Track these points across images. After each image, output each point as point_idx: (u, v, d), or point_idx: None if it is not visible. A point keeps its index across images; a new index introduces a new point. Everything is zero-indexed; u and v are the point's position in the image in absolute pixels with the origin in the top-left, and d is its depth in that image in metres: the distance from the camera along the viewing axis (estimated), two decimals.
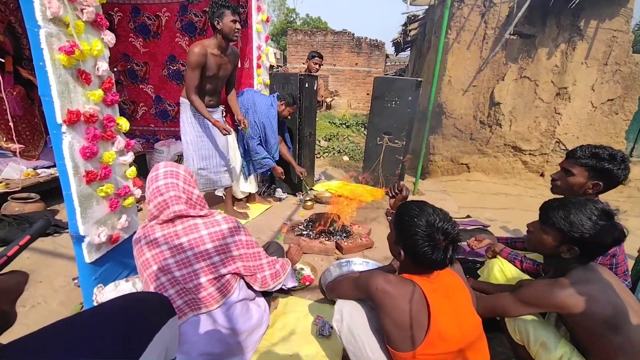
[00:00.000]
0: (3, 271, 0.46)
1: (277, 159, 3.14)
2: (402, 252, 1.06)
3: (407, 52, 10.45)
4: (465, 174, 5.14)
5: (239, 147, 3.01)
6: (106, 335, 0.47)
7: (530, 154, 4.98)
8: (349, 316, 1.17)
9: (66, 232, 2.42)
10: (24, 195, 2.69)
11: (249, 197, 3.31)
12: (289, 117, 3.11)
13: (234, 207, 3.02)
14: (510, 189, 4.72)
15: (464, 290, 1.10)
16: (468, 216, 3.24)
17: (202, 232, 1.33)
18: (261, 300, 1.52)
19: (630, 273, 1.77)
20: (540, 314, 1.24)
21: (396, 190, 1.53)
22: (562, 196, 1.38)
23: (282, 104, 2.97)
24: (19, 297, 0.40)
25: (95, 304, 1.52)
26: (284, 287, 1.58)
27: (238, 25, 2.28)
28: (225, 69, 2.49)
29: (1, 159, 3.08)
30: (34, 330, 0.44)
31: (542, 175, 5.04)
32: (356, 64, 13.37)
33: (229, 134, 2.52)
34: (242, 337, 1.35)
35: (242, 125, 2.60)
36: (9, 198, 2.59)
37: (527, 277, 1.46)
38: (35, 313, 1.66)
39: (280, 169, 3.11)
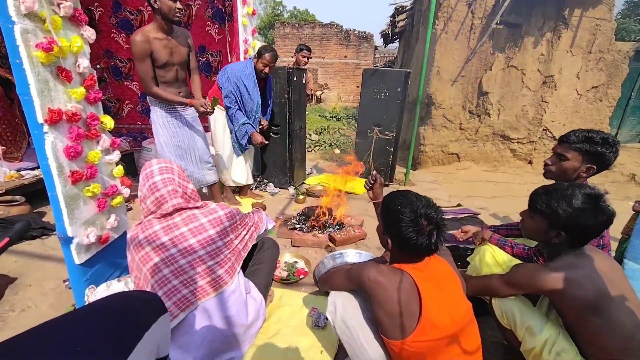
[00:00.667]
0: None
1: (261, 126, 3.01)
2: (389, 241, 1.10)
3: (396, 44, 10.42)
4: (456, 163, 5.20)
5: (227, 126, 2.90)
6: (96, 334, 0.46)
7: (518, 142, 5.05)
8: (342, 307, 1.18)
9: (54, 234, 2.37)
10: (8, 198, 2.62)
11: (241, 191, 3.28)
12: (266, 72, 2.75)
13: (224, 201, 2.99)
14: (500, 176, 4.80)
15: (454, 278, 1.12)
16: (459, 205, 3.29)
17: (202, 219, 1.34)
18: (257, 294, 1.53)
19: (614, 255, 1.82)
20: (532, 298, 1.27)
21: (371, 182, 1.57)
22: (553, 182, 1.41)
23: (255, 59, 2.76)
24: None
25: None
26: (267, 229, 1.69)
27: (179, 4, 2.12)
28: (178, 53, 2.32)
29: None
30: (23, 331, 0.43)
31: (530, 162, 5.13)
32: (345, 56, 13.31)
33: (211, 113, 2.40)
34: (239, 331, 1.36)
35: (207, 106, 2.36)
36: None
37: (518, 262, 1.49)
38: (25, 317, 1.63)
39: (259, 137, 2.90)
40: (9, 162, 3.08)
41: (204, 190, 3.06)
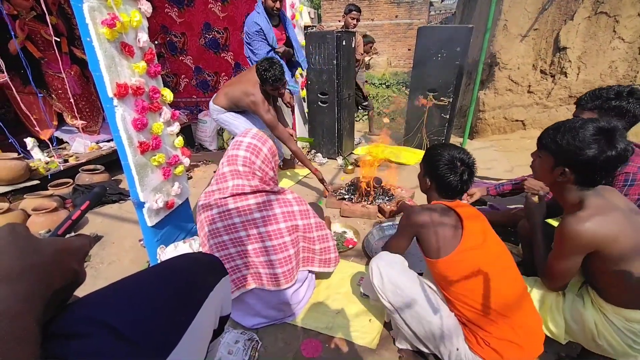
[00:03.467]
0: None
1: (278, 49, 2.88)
2: (428, 181, 1.28)
3: None
4: (520, 131, 4.67)
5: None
6: (168, 291, 0.50)
7: None
8: (387, 271, 1.19)
9: (129, 199, 2.67)
10: (91, 167, 2.98)
11: (286, 163, 3.33)
12: (277, 7, 2.68)
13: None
14: None
15: (483, 217, 1.22)
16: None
17: (276, 210, 1.37)
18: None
19: None
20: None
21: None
22: None
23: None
24: (85, 257, 0.43)
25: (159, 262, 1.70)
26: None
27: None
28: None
29: (69, 135, 3.42)
30: (113, 282, 0.48)
31: None
32: (396, 16, 12.33)
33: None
34: (292, 306, 1.44)
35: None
36: (79, 170, 2.90)
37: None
38: (112, 269, 1.90)
39: (288, 95, 2.93)
40: (89, 135, 3.48)
41: None
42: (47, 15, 1.77)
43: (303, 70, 3.17)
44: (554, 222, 1.45)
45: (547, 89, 4.44)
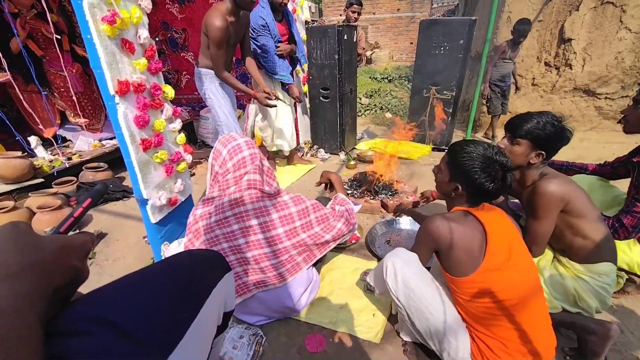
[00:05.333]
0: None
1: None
2: (459, 187, 1.12)
3: None
4: None
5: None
6: (171, 288, 0.50)
7: (606, 97, 4.29)
8: (402, 272, 1.15)
9: (132, 196, 2.68)
10: (95, 165, 3.00)
11: (290, 158, 3.32)
12: (285, 2, 2.63)
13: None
14: (578, 138, 4.17)
15: (508, 219, 1.16)
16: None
17: (273, 215, 1.35)
18: (314, 272, 1.58)
19: None
20: None
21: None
22: (632, 133, 1.52)
23: None
24: (88, 254, 0.43)
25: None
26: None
27: None
28: (239, 34, 2.31)
29: (72, 133, 3.43)
30: (116, 278, 0.48)
31: (619, 122, 4.35)
32: (398, 9, 12.20)
33: (274, 105, 2.43)
34: (295, 307, 1.44)
35: (272, 96, 2.37)
36: (83, 168, 2.92)
37: None
38: (117, 266, 1.91)
39: (297, 90, 2.87)
40: (92, 133, 3.49)
41: None
42: (47, 13, 1.76)
43: (301, 65, 3.14)
44: None
45: (552, 81, 4.39)
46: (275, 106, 2.46)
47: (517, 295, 1.00)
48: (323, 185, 1.88)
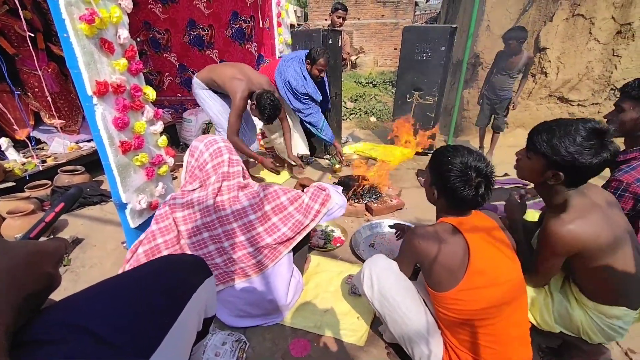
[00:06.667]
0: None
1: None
2: (435, 192, 1.08)
3: None
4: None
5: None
6: (150, 292, 0.49)
7: (579, 104, 4.50)
8: (378, 281, 1.16)
9: (111, 200, 2.59)
10: (71, 168, 2.88)
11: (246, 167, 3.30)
12: (322, 76, 2.79)
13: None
14: None
15: (500, 233, 1.07)
16: (506, 174, 3.07)
17: (244, 203, 1.39)
18: (296, 272, 1.58)
19: None
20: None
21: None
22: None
23: (308, 66, 2.72)
24: (60, 260, 0.41)
25: None
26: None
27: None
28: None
29: (47, 134, 3.29)
30: (92, 284, 0.46)
31: None
32: (382, 15, 12.42)
33: (278, 173, 2.59)
34: (280, 306, 1.43)
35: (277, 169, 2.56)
36: (59, 171, 2.80)
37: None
38: (93, 273, 1.84)
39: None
40: (68, 135, 3.36)
41: None
42: (20, 9, 1.70)
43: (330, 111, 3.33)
44: (532, 215, 1.48)
45: (528, 88, 4.56)
46: (278, 174, 2.60)
47: (496, 313, 0.98)
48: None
